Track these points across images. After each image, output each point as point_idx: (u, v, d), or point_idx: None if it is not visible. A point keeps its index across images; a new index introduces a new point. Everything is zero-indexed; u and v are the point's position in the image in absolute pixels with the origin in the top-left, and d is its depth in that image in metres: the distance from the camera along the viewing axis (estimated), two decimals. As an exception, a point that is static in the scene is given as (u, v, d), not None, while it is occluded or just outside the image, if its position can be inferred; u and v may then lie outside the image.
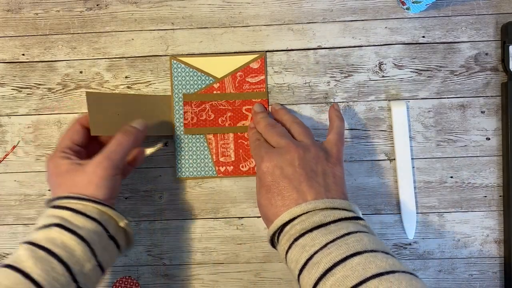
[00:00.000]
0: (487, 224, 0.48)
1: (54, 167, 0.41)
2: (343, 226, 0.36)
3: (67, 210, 0.38)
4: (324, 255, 0.34)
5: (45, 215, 0.39)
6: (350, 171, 0.49)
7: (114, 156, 0.41)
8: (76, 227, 0.37)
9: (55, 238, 0.36)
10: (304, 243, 0.36)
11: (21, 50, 0.50)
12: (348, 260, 0.33)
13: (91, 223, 0.38)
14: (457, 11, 0.48)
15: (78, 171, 0.40)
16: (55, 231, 0.37)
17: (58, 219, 0.37)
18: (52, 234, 0.36)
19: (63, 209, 0.38)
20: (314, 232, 0.36)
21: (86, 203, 0.38)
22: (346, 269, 0.32)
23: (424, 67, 0.48)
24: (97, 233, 0.38)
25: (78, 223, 0.37)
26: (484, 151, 0.48)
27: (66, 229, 0.37)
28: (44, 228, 0.37)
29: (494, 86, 0.48)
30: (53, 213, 0.38)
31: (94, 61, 0.50)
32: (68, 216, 0.38)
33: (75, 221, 0.37)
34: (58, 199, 0.39)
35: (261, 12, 0.49)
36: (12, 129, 0.50)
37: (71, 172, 0.40)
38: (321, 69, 0.49)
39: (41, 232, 0.37)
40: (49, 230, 0.37)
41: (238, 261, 0.50)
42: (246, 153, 0.49)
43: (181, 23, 0.49)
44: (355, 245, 0.34)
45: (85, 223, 0.38)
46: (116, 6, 0.50)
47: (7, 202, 0.50)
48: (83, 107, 0.50)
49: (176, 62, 0.49)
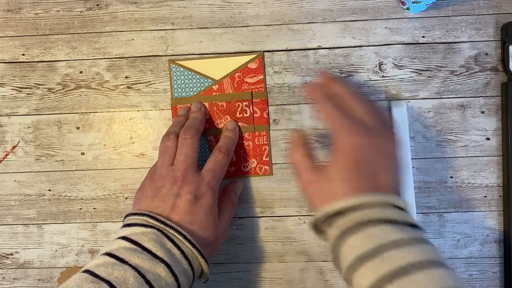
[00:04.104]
0: (487, 224, 0.48)
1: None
2: (418, 233, 0.34)
3: (178, 249, 0.38)
4: (399, 253, 0.32)
5: (156, 236, 0.38)
6: (350, 171, 0.49)
7: None
8: (180, 273, 0.37)
9: (161, 276, 0.36)
10: (373, 233, 0.34)
11: (21, 50, 0.50)
12: (428, 269, 0.31)
13: (190, 273, 0.39)
14: (457, 11, 0.48)
15: None
16: (162, 268, 0.36)
17: (168, 257, 0.37)
18: (160, 271, 0.36)
19: (175, 246, 0.38)
20: (387, 226, 0.34)
21: (193, 249, 0.39)
22: (428, 278, 0.31)
23: (424, 67, 0.48)
24: (189, 280, 0.39)
25: (182, 267, 0.38)
26: (484, 151, 0.48)
27: (172, 273, 0.37)
28: (154, 257, 0.37)
29: (494, 86, 0.48)
30: (165, 244, 0.38)
31: (94, 61, 0.50)
32: (179, 257, 0.38)
33: (183, 264, 0.38)
34: (172, 228, 0.39)
35: (261, 12, 0.49)
36: (12, 129, 0.50)
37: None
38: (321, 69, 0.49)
39: (149, 262, 0.36)
40: (157, 266, 0.36)
41: (238, 261, 0.50)
42: (247, 153, 0.49)
43: (181, 23, 0.49)
44: (433, 256, 0.32)
45: (188, 272, 0.38)
46: (116, 6, 0.50)
47: (7, 202, 0.51)
48: (83, 107, 0.50)
49: (175, 66, 0.49)
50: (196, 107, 0.48)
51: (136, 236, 0.37)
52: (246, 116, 0.49)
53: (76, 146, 0.50)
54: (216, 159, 0.44)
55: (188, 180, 0.41)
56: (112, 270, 0.35)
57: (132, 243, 0.37)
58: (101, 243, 0.50)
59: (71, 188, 0.50)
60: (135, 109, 0.50)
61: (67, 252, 0.51)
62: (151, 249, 0.37)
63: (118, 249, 0.37)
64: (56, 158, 0.50)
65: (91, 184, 0.50)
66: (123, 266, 0.35)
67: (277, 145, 0.49)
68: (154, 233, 0.38)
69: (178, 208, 0.40)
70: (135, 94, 0.50)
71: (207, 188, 0.42)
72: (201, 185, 0.41)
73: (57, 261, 0.51)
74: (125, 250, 0.36)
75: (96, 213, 0.50)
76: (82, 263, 0.51)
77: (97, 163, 0.50)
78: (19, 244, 0.51)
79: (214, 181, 0.43)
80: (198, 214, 0.40)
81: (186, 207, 0.40)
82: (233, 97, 0.49)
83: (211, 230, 0.41)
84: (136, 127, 0.50)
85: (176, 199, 0.40)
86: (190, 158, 0.42)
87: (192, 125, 0.45)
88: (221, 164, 0.44)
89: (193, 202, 0.40)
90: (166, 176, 0.42)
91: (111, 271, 0.35)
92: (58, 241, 0.51)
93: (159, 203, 0.41)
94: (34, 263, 0.51)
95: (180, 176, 0.41)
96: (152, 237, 0.37)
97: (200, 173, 0.42)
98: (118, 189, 0.50)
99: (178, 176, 0.41)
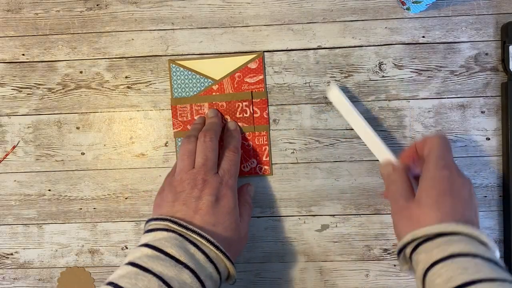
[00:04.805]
0: (487, 224, 0.48)
1: None
2: (501, 269, 0.33)
3: (202, 253, 0.38)
4: None
5: (178, 241, 0.38)
6: (350, 171, 0.49)
7: None
8: (206, 277, 0.37)
9: (186, 283, 0.36)
10: (466, 266, 0.33)
11: (21, 50, 0.50)
12: None
13: (216, 276, 0.38)
14: (457, 11, 0.48)
15: None
16: (187, 274, 0.36)
17: (192, 262, 0.37)
18: (185, 277, 0.36)
19: (198, 250, 0.38)
20: (477, 260, 0.33)
21: (217, 252, 0.38)
22: None
23: (424, 67, 0.48)
24: (216, 284, 0.39)
25: (207, 272, 0.38)
26: (484, 151, 0.48)
27: (198, 279, 0.36)
28: (178, 262, 0.36)
29: (494, 86, 0.48)
30: (189, 249, 0.38)
31: (94, 61, 0.50)
32: (203, 261, 0.38)
33: (208, 268, 0.38)
34: (195, 233, 0.38)
35: (261, 12, 0.49)
36: (12, 129, 0.50)
37: None
38: (321, 69, 0.49)
39: (173, 269, 0.36)
40: (182, 272, 0.36)
41: (238, 261, 0.50)
42: (247, 153, 0.49)
43: (181, 23, 0.49)
44: None
45: (214, 276, 0.38)
46: (116, 6, 0.50)
47: (7, 202, 0.51)
48: (83, 107, 0.50)
49: (175, 66, 0.49)
50: (213, 112, 0.48)
51: (159, 242, 0.37)
52: (246, 116, 0.49)
53: (76, 146, 0.50)
54: (229, 158, 0.44)
55: (208, 183, 0.41)
56: (136, 281, 0.34)
57: (154, 249, 0.37)
58: (101, 243, 0.50)
59: (71, 188, 0.50)
60: (135, 109, 0.50)
61: (67, 252, 0.51)
62: (174, 255, 0.36)
63: (140, 257, 0.36)
64: (56, 158, 0.50)
65: (91, 184, 0.50)
66: (146, 276, 0.35)
67: (277, 145, 0.49)
68: (176, 238, 0.37)
69: (200, 211, 0.40)
70: (135, 94, 0.50)
71: (227, 189, 0.42)
72: (221, 186, 0.42)
73: (57, 261, 0.51)
74: (148, 258, 0.36)
75: (96, 213, 0.50)
76: (82, 263, 0.51)
77: (97, 163, 0.50)
78: (19, 244, 0.51)
79: (232, 181, 0.43)
80: (221, 215, 0.40)
81: (208, 209, 0.40)
82: (233, 97, 0.49)
83: (234, 230, 0.41)
84: (136, 127, 0.50)
85: (198, 201, 0.40)
86: (210, 160, 0.42)
87: (211, 128, 0.45)
88: (234, 162, 0.44)
89: (214, 204, 0.40)
90: (186, 179, 0.42)
91: (135, 281, 0.34)
92: (58, 241, 0.51)
93: (181, 207, 0.40)
94: (34, 263, 0.51)
95: (200, 179, 0.41)
96: (174, 242, 0.37)
97: (218, 175, 0.42)
98: (118, 189, 0.50)
99: (198, 179, 0.41)
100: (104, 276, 0.51)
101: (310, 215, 0.49)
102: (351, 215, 0.49)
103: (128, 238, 0.50)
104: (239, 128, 0.48)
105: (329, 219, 0.49)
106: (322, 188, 0.49)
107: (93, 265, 0.51)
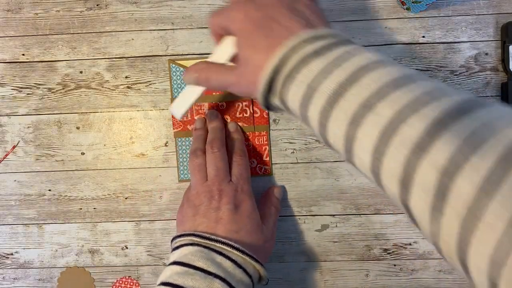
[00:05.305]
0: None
1: None
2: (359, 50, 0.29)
3: (229, 260, 0.38)
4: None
5: (204, 253, 0.38)
6: (350, 171, 0.49)
7: None
8: (237, 283, 0.37)
9: None
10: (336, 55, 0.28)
11: (21, 50, 0.50)
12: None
13: (247, 280, 0.39)
14: (457, 11, 0.48)
15: None
16: (218, 283, 0.36)
17: (221, 271, 0.37)
18: (216, 287, 0.36)
19: (225, 258, 0.38)
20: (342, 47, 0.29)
21: (244, 256, 0.39)
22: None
23: (424, 67, 0.48)
24: (249, 287, 0.39)
25: (237, 278, 0.38)
26: (484, 151, 0.48)
27: (230, 286, 0.37)
28: (207, 274, 0.36)
29: (494, 86, 0.48)
30: (215, 259, 0.38)
31: (94, 61, 0.50)
32: (231, 268, 0.38)
33: (237, 274, 0.38)
34: (218, 242, 0.39)
35: (261, 12, 0.49)
36: (12, 129, 0.50)
37: None
38: (321, 69, 0.49)
39: (203, 281, 0.36)
40: (212, 282, 0.36)
41: (238, 261, 0.50)
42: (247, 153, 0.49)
43: (181, 23, 0.49)
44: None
45: (245, 281, 0.38)
46: (116, 6, 0.50)
47: (7, 202, 0.51)
48: (83, 107, 0.50)
49: (175, 66, 0.49)
50: (213, 115, 0.48)
51: (186, 258, 0.38)
52: (246, 116, 0.49)
53: (76, 146, 0.50)
54: (238, 163, 0.44)
55: (224, 192, 0.42)
56: None
57: (183, 265, 0.37)
58: (101, 243, 0.50)
59: (71, 188, 0.50)
60: (135, 109, 0.50)
61: (67, 252, 0.51)
62: (202, 267, 0.37)
63: (171, 275, 0.37)
64: (56, 158, 0.50)
65: (91, 184, 0.50)
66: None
67: (277, 145, 0.49)
68: (201, 251, 0.38)
69: (221, 220, 0.41)
70: (135, 94, 0.50)
71: (244, 194, 0.43)
72: (236, 193, 0.42)
73: (57, 261, 0.51)
74: (178, 275, 0.37)
75: (96, 213, 0.50)
76: (82, 263, 0.51)
77: (97, 163, 0.50)
78: (19, 244, 0.51)
79: (246, 186, 0.43)
80: (242, 220, 0.41)
81: (229, 217, 0.41)
82: (233, 97, 0.49)
83: (258, 233, 0.42)
84: (136, 127, 0.50)
85: (218, 212, 0.41)
86: (221, 170, 0.43)
87: (215, 137, 0.45)
88: (245, 166, 0.44)
89: (234, 211, 0.41)
90: (203, 192, 0.42)
91: None
92: (58, 241, 0.51)
93: (202, 220, 0.41)
94: (34, 263, 0.51)
95: (216, 190, 0.42)
96: (200, 255, 0.38)
97: (232, 182, 0.43)
98: (118, 189, 0.50)
99: (214, 190, 0.42)
100: (104, 276, 0.51)
101: (310, 215, 0.49)
102: (351, 215, 0.49)
103: (128, 238, 0.50)
104: (240, 128, 0.48)
105: (329, 219, 0.49)
106: (322, 188, 0.49)
107: (93, 265, 0.51)
